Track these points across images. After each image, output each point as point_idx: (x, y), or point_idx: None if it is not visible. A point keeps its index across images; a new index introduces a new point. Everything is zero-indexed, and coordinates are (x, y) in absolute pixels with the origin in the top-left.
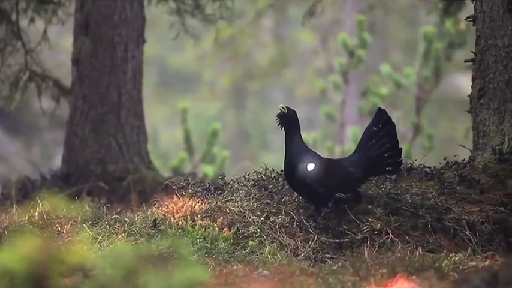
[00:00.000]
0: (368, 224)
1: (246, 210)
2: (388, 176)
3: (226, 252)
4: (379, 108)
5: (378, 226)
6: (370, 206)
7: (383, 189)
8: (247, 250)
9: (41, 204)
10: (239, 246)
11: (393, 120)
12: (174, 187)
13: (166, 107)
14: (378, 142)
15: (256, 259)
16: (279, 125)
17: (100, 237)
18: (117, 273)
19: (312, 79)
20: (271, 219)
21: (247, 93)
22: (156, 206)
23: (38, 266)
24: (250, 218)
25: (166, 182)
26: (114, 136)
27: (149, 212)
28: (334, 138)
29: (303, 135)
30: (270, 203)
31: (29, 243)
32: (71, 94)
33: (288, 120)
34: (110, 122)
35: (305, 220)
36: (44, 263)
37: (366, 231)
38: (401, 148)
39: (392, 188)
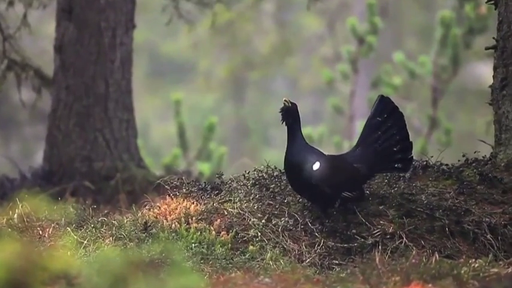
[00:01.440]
0: (379, 227)
1: (245, 212)
2: (400, 175)
3: (224, 258)
4: (382, 96)
5: (391, 229)
6: (382, 207)
7: (396, 188)
8: (247, 256)
9: (20, 205)
10: (238, 252)
11: (400, 110)
12: (166, 187)
13: (158, 99)
14: (384, 134)
15: (257, 265)
16: (282, 120)
17: (85, 242)
18: (104, 281)
19: (318, 68)
20: (274, 222)
21: (246, 83)
22: (147, 207)
23: (17, 273)
24: (250, 220)
25: (158, 181)
26: (100, 131)
27: (139, 214)
28: (343, 133)
29: (308, 129)
30: (272, 204)
31: (7, 249)
32: (53, 84)
33: (292, 115)
34: (96, 115)
35: (311, 223)
36: (24, 270)
37: (377, 235)
38: (411, 142)
39: (406, 187)
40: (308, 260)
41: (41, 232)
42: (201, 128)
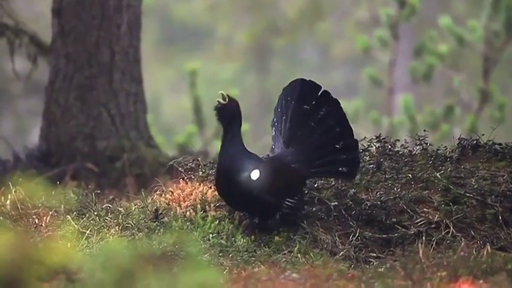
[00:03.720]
0: (423, 215)
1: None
2: (445, 155)
3: (246, 251)
4: (302, 80)
5: (436, 218)
6: (426, 193)
7: (442, 171)
8: (272, 248)
9: (13, 190)
10: (262, 243)
11: (332, 95)
12: (180, 169)
13: (170, 69)
14: (319, 125)
15: (284, 259)
16: (218, 119)
17: (88, 232)
18: (109, 276)
19: (353, 34)
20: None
21: (271, 51)
22: (157, 192)
23: (9, 268)
24: None
25: (170, 163)
26: (105, 105)
27: (149, 201)
28: (381, 107)
29: (344, 103)
30: None
31: None
32: (51, 53)
33: (229, 114)
34: (99, 88)
35: (345, 210)
36: (17, 264)
37: (421, 224)
38: (356, 140)
39: (454, 170)
40: (342, 252)
41: (37, 221)
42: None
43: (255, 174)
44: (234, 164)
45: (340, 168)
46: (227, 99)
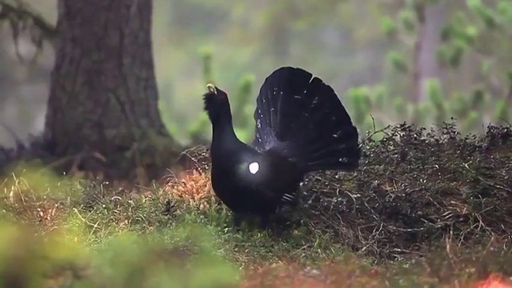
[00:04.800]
0: (451, 208)
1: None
2: (474, 145)
3: (263, 246)
4: (290, 68)
5: (464, 211)
6: (453, 184)
7: (471, 162)
8: (290, 242)
9: (17, 181)
10: (280, 238)
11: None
12: (193, 159)
13: (183, 53)
14: (314, 115)
15: (303, 254)
16: (205, 110)
17: (96, 226)
18: (118, 273)
19: (377, 16)
20: (322, 202)
21: (290, 34)
22: (169, 184)
23: (13, 263)
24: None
25: (183, 153)
26: (114, 91)
27: (161, 192)
28: (406, 94)
29: (365, 90)
30: (320, 180)
31: (1, 234)
32: (57, 36)
33: (218, 106)
34: (108, 73)
35: (367, 203)
36: (21, 259)
37: (448, 218)
38: (355, 128)
39: (483, 160)
40: (364, 247)
41: (42, 214)
42: (235, 88)
43: (253, 168)
44: (230, 157)
45: (340, 159)
46: (216, 91)
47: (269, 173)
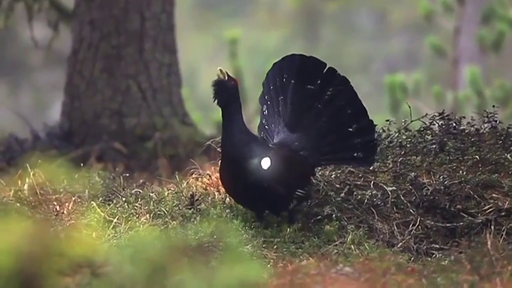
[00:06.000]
0: (492, 201)
1: (320, 181)
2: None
3: (293, 242)
4: (302, 56)
5: (506, 205)
6: (495, 176)
7: None
8: (321, 238)
9: (32, 173)
10: (311, 233)
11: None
12: (218, 149)
13: (208, 37)
14: (327, 107)
15: (335, 251)
16: (214, 98)
17: (115, 220)
18: (139, 270)
19: None
20: (356, 195)
21: (321, 17)
22: (193, 176)
23: (28, 260)
24: (326, 192)
25: (207, 143)
26: (134, 78)
27: (184, 185)
28: (445, 80)
29: (401, 76)
30: (353, 172)
31: (15, 229)
32: (74, 19)
33: (228, 93)
34: (128, 58)
35: (403, 196)
36: (36, 256)
37: (489, 212)
38: (372, 121)
39: None
40: (400, 243)
41: (58, 208)
42: (263, 74)
43: (265, 163)
44: (240, 151)
45: (355, 154)
46: (227, 77)
47: (281, 169)
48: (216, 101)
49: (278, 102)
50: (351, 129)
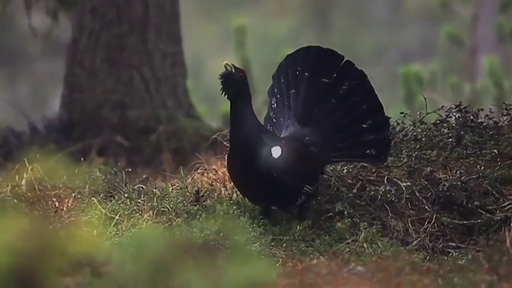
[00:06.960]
0: (511, 198)
1: (331, 176)
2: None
3: (303, 240)
4: (319, 48)
5: None
6: None
7: None
8: (333, 236)
9: (30, 168)
10: (322, 231)
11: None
12: (225, 143)
13: (214, 26)
14: (342, 102)
15: (347, 249)
16: (222, 90)
17: (117, 217)
18: (142, 269)
19: None
20: (369, 191)
21: (333, 5)
22: (199, 171)
23: (26, 259)
24: (337, 188)
25: (214, 136)
26: (137, 68)
27: (189, 180)
28: (462, 71)
29: (417, 67)
30: (366, 167)
31: (12, 226)
32: (74, 7)
33: (236, 85)
34: (131, 48)
35: (419, 192)
36: (34, 254)
37: (509, 209)
38: (388, 117)
39: None
40: (415, 242)
41: (57, 204)
42: (272, 65)
43: (276, 152)
44: (251, 139)
45: (367, 151)
46: (234, 70)
47: (292, 160)
48: (224, 94)
49: (289, 95)
50: (364, 126)
